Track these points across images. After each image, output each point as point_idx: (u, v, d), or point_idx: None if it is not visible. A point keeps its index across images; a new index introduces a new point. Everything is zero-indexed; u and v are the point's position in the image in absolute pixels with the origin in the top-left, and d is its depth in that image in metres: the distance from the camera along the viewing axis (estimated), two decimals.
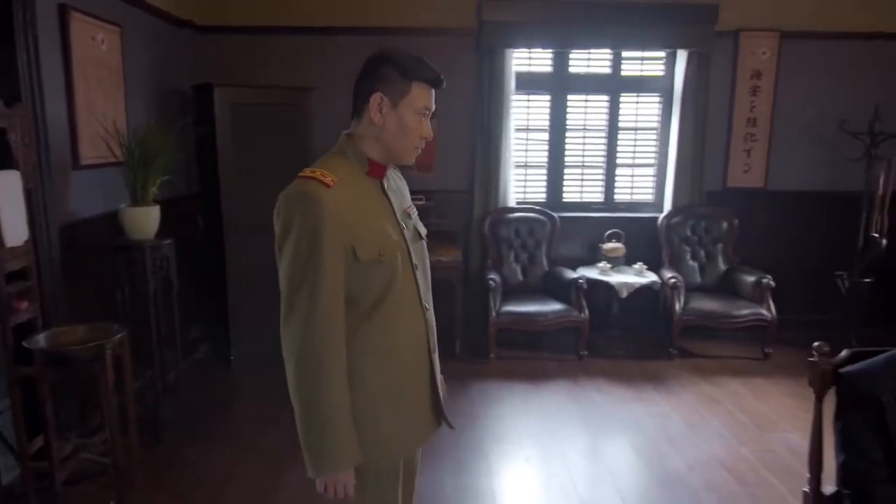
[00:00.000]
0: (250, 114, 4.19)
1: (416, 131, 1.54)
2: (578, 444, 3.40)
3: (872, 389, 1.65)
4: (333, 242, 1.44)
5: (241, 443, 3.36)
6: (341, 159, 1.55)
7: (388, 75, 1.50)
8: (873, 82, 4.83)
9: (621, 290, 4.55)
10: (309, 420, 1.47)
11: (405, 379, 1.59)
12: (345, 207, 1.46)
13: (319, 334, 1.44)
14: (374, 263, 1.49)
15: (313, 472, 1.50)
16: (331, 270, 1.44)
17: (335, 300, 1.46)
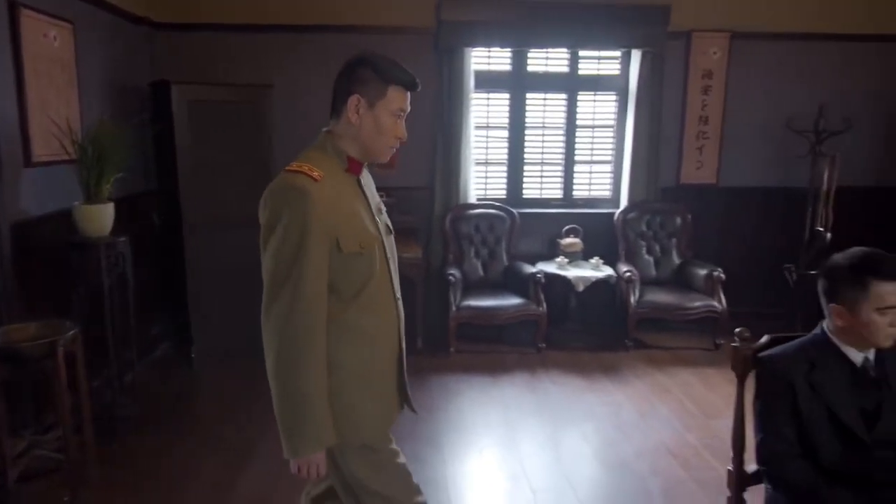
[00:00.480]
0: (209, 111, 4.20)
1: (391, 132, 1.62)
2: (532, 433, 3.49)
3: (786, 372, 1.75)
4: (320, 235, 1.51)
5: (200, 438, 3.38)
6: (322, 155, 1.62)
7: (365, 78, 1.58)
8: (818, 82, 5.01)
9: (577, 284, 4.67)
10: (287, 404, 1.55)
11: (379, 364, 1.69)
12: (330, 201, 1.53)
13: (302, 323, 1.51)
14: (355, 255, 1.58)
15: (290, 453, 1.57)
16: (317, 263, 1.51)
17: (319, 291, 1.53)
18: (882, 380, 1.72)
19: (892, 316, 1.66)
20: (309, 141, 1.69)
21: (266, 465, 3.09)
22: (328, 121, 1.67)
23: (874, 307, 1.66)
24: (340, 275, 1.57)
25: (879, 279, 1.66)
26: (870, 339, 1.69)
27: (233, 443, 3.30)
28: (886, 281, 1.66)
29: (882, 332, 1.67)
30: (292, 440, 1.56)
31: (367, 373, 1.66)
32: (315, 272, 1.51)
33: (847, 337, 1.74)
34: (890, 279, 1.66)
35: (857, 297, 1.68)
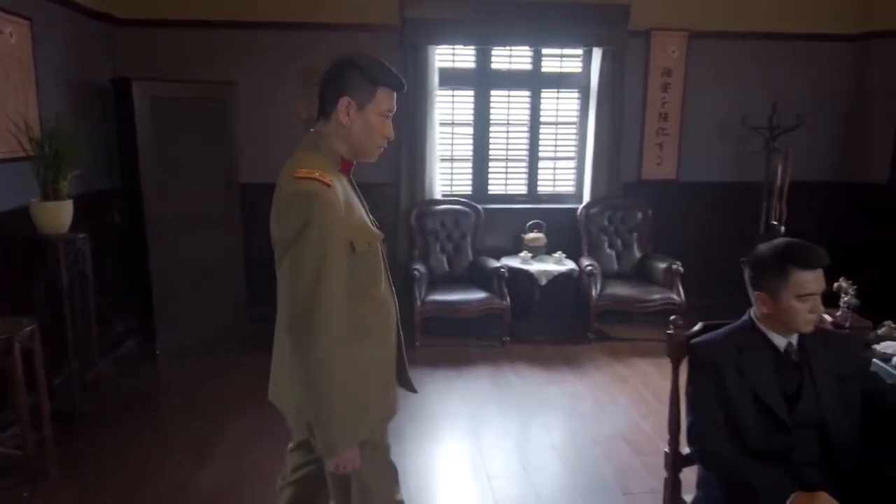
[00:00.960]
0: (171, 108, 4.20)
1: (380, 132, 1.66)
2: (493, 424, 3.57)
3: (714, 357, 1.84)
4: (340, 241, 1.55)
5: (162, 434, 3.40)
6: (320, 157, 1.63)
7: (355, 81, 1.60)
8: (772, 80, 5.16)
9: (540, 277, 4.76)
10: (324, 409, 1.57)
11: (382, 357, 1.74)
12: (341, 204, 1.57)
13: (333, 333, 1.53)
14: (365, 254, 1.63)
15: (329, 453, 1.60)
16: (342, 270, 1.55)
17: (344, 300, 1.56)
18: (804, 364, 1.82)
19: (811, 303, 1.76)
20: (277, 138, 1.72)
21: (227, 460, 3.13)
22: (295, 118, 1.70)
23: (794, 294, 1.75)
24: (353, 275, 1.60)
25: (799, 268, 1.75)
26: (791, 325, 1.79)
27: (195, 438, 3.32)
28: (805, 269, 1.75)
29: (802, 317, 1.77)
30: (330, 441, 1.59)
31: (378, 366, 1.72)
32: (340, 279, 1.54)
33: (771, 323, 1.84)
34: (808, 268, 1.75)
35: (778, 285, 1.77)
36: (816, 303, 1.76)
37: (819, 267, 1.77)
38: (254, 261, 4.80)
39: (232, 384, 4.00)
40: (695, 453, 1.88)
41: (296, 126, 4.89)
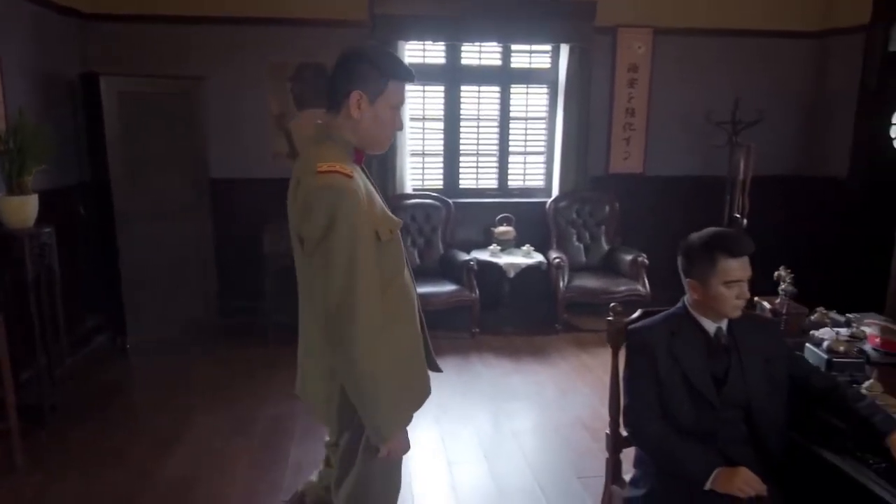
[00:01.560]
0: (140, 103, 4.23)
1: (390, 124, 1.67)
2: (456, 412, 3.65)
3: (648, 342, 1.93)
4: (367, 229, 1.55)
5: (129, 426, 3.44)
6: (336, 148, 1.62)
7: (367, 74, 1.59)
8: (735, 76, 5.26)
9: (509, 270, 4.85)
10: (370, 399, 1.57)
11: (416, 338, 1.76)
12: (364, 196, 1.57)
13: (371, 323, 1.53)
14: (389, 242, 1.64)
15: (380, 439, 1.62)
16: (373, 261, 1.55)
17: (376, 281, 1.57)
18: (732, 348, 1.91)
19: (738, 289, 1.85)
20: (248, 133, 1.71)
21: (191, 451, 3.18)
22: (266, 113, 1.69)
23: (721, 281, 1.84)
24: (381, 264, 1.60)
25: (725, 256, 1.84)
26: (720, 310, 1.88)
27: (161, 429, 3.37)
28: (731, 257, 1.84)
29: (729, 303, 1.86)
30: (379, 428, 1.61)
31: (414, 347, 1.74)
32: (372, 270, 1.55)
33: (702, 309, 1.93)
34: (734, 256, 1.84)
35: (707, 272, 1.86)
36: (742, 289, 1.85)
37: (744, 255, 1.86)
38: (224, 255, 4.84)
39: (200, 378, 4.04)
40: (630, 434, 1.97)
41: (266, 122, 4.94)
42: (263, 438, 3.31)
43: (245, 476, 2.96)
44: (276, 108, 4.94)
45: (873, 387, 1.94)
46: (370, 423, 1.61)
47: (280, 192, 2.49)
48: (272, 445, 3.24)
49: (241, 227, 4.85)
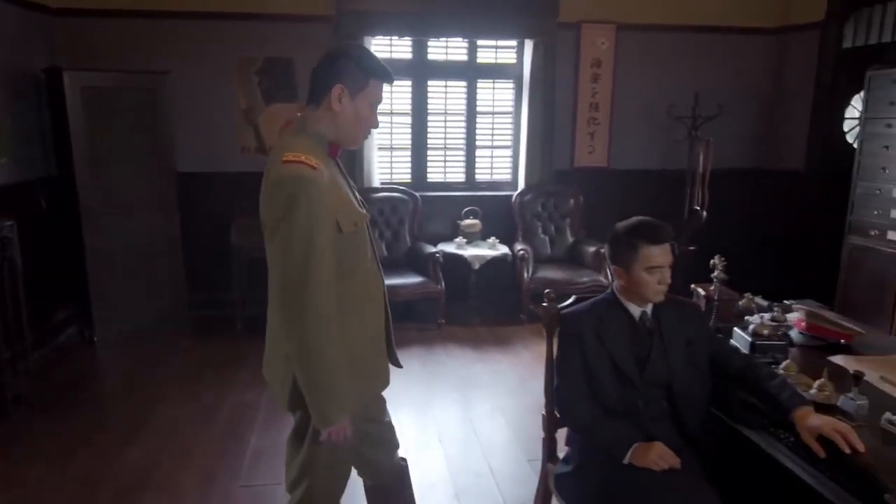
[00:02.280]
0: (104, 98, 4.26)
1: (367, 121, 1.75)
2: (415, 400, 3.74)
3: (577, 326, 2.03)
4: (326, 222, 1.61)
5: (92, 416, 3.49)
6: (308, 141, 1.69)
7: (350, 70, 1.68)
8: (695, 71, 5.39)
9: (474, 262, 4.94)
10: (315, 383, 1.64)
11: (378, 330, 1.85)
12: (328, 186, 1.63)
13: (322, 310, 1.59)
14: (352, 234, 1.70)
15: (321, 423, 1.67)
16: (328, 249, 1.61)
17: (331, 278, 1.62)
18: (655, 331, 2.01)
19: (659, 274, 1.95)
20: (215, 127, 1.77)
21: (153, 439, 3.24)
22: (233, 108, 1.75)
23: (643, 267, 1.94)
24: (342, 254, 1.67)
25: (647, 243, 1.95)
26: (643, 295, 1.98)
27: (123, 420, 3.43)
28: (652, 244, 1.95)
29: (651, 288, 1.96)
30: (322, 412, 1.66)
31: (371, 336, 1.81)
32: (328, 259, 1.60)
33: (628, 295, 2.03)
34: (655, 243, 1.95)
35: (630, 259, 1.96)
36: (664, 274, 1.96)
37: (665, 242, 1.96)
38: (192, 248, 4.88)
39: (167, 370, 4.10)
40: (559, 413, 2.07)
41: (234, 116, 4.98)
42: (225, 426, 3.38)
43: (204, 462, 3.04)
44: (243, 103, 4.99)
45: (789, 367, 2.05)
46: (313, 406, 1.67)
47: (248, 186, 2.57)
48: (233, 433, 3.31)
49: (209, 221, 4.90)
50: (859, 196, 4.29)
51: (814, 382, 1.94)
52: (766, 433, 1.88)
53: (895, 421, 1.73)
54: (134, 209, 4.48)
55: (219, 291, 4.92)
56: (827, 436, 1.67)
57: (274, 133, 5.03)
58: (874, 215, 4.15)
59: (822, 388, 1.90)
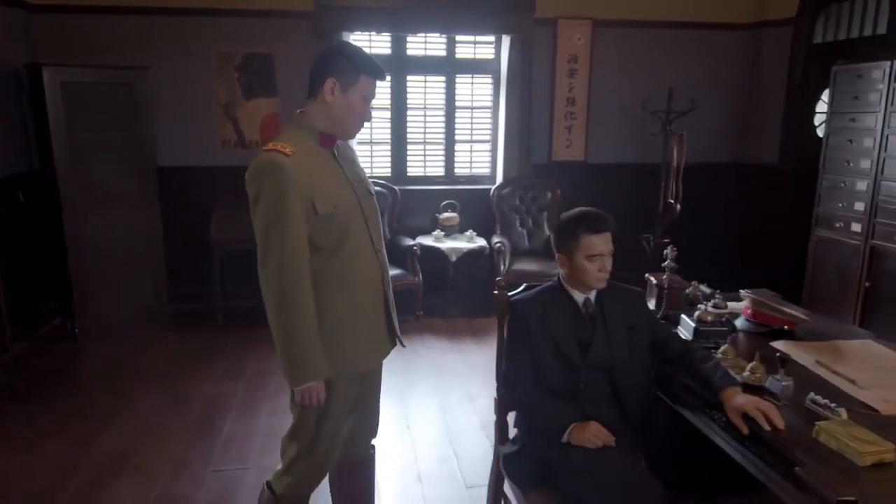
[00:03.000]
0: (83, 93, 4.32)
1: (359, 114, 1.88)
2: (388, 389, 3.74)
3: (523, 312, 2.11)
4: (297, 199, 1.75)
5: (71, 404, 3.57)
6: (297, 132, 1.86)
7: (342, 66, 1.82)
8: (669, 67, 5.47)
9: (451, 254, 5.03)
10: (286, 344, 1.80)
11: (363, 306, 1.94)
12: (303, 171, 1.77)
13: (291, 272, 1.76)
14: (330, 215, 1.81)
15: (293, 383, 1.83)
16: (295, 222, 1.76)
17: (301, 245, 1.78)
18: (598, 316, 2.10)
19: (600, 262, 2.04)
20: (195, 122, 1.88)
21: (129, 426, 3.33)
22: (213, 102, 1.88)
23: (584, 255, 2.03)
24: (319, 233, 1.81)
25: (587, 232, 2.03)
26: (585, 282, 2.07)
27: (102, 406, 3.51)
28: (593, 233, 2.03)
29: (592, 275, 2.04)
30: (294, 373, 1.82)
31: (357, 313, 1.92)
32: (294, 232, 1.76)
33: (572, 282, 2.11)
34: (595, 232, 2.03)
35: (572, 247, 2.04)
36: (604, 262, 2.04)
37: (605, 231, 2.05)
38: (174, 242, 4.95)
39: (145, 359, 4.18)
40: (506, 396, 2.16)
41: (214, 111, 5.05)
42: (199, 414, 3.47)
43: (177, 448, 3.12)
44: (223, 98, 5.05)
45: (727, 351, 2.15)
46: (282, 367, 1.84)
47: (228, 180, 2.62)
48: (207, 421, 3.39)
49: (189, 214, 4.97)
50: (825, 189, 4.38)
51: (748, 365, 2.03)
52: (702, 414, 1.97)
53: (818, 401, 1.82)
54: (114, 202, 4.55)
55: (200, 284, 4.99)
56: (750, 414, 1.76)
57: (254, 127, 5.10)
58: (839, 208, 4.24)
59: (754, 371, 1.99)
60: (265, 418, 3.41)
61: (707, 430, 1.94)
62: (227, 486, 2.82)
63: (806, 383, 1.96)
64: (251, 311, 3.89)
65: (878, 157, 3.93)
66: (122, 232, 4.62)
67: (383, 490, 2.80)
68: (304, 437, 1.98)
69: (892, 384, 1.99)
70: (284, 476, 2.02)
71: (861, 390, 1.95)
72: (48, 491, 2.76)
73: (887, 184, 3.89)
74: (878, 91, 3.92)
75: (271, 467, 2.89)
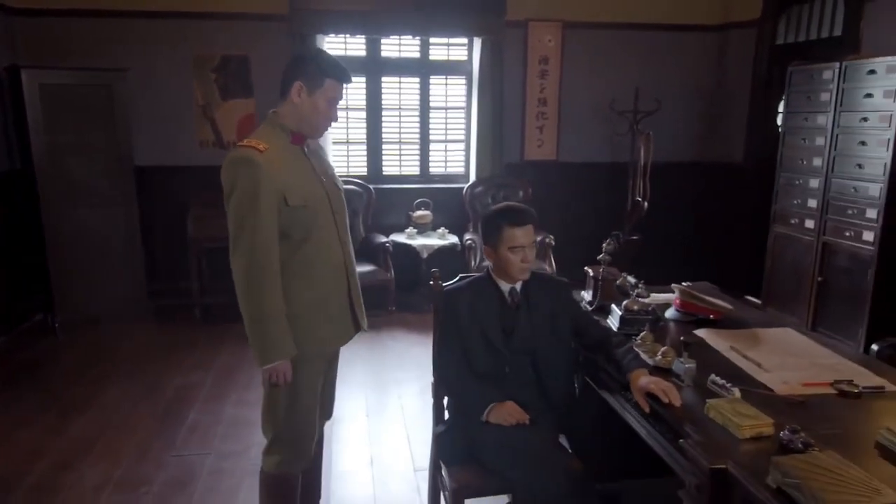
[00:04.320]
0: (62, 94, 4.46)
1: (325, 115, 2.01)
2: (353, 378, 3.96)
3: (454, 301, 2.24)
4: (268, 193, 1.88)
5: (44, 394, 3.70)
6: (270, 130, 2.01)
7: (309, 70, 1.97)
8: (637, 67, 5.59)
9: (422, 251, 5.16)
10: (255, 326, 1.93)
11: (328, 294, 2.08)
12: (275, 166, 1.91)
13: (260, 260, 1.90)
14: (300, 208, 1.95)
15: (260, 363, 1.97)
16: (266, 214, 1.89)
17: (270, 238, 1.92)
18: (522, 304, 2.23)
19: (522, 254, 2.17)
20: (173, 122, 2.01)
21: (99, 413, 3.47)
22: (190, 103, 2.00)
23: (507, 246, 2.16)
24: (289, 224, 1.94)
25: (510, 225, 2.16)
26: (509, 272, 2.20)
27: (74, 396, 3.65)
28: (515, 226, 2.16)
29: (515, 266, 2.17)
30: (262, 353, 1.96)
31: (321, 300, 2.06)
32: (265, 223, 1.89)
33: (498, 272, 2.24)
34: (517, 225, 2.16)
35: (496, 239, 2.17)
36: (526, 254, 2.17)
37: (526, 224, 2.18)
38: (153, 239, 5.09)
39: (121, 353, 4.32)
40: (436, 379, 2.29)
41: (192, 112, 5.18)
42: (167, 404, 3.60)
43: (143, 434, 3.26)
44: (201, 99, 5.19)
45: (646, 337, 2.27)
46: (252, 350, 1.98)
47: (205, 179, 2.71)
48: (174, 410, 3.53)
49: (167, 212, 5.11)
50: (782, 186, 4.50)
51: (660, 350, 2.16)
52: (619, 395, 2.10)
53: (717, 381, 1.95)
54: (93, 201, 4.69)
55: (178, 280, 5.13)
56: (653, 392, 1.89)
57: (231, 128, 5.24)
58: (794, 205, 4.36)
59: (665, 355, 2.12)
60: (231, 408, 3.54)
61: (621, 411, 2.08)
62: (186, 470, 2.95)
63: (712, 366, 2.08)
64: (227, 307, 4.01)
65: (829, 155, 4.05)
66: (100, 229, 4.75)
67: (334, 474, 2.94)
68: (278, 417, 2.12)
69: (795, 367, 2.12)
70: (268, 456, 2.16)
71: (764, 373, 2.08)
72: (15, 474, 2.89)
73: (837, 181, 4.01)
74: (829, 91, 4.04)
75: (232, 453, 3.07)
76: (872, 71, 3.74)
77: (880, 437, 1.67)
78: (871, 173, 3.75)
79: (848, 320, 3.96)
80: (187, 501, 2.73)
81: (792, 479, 1.40)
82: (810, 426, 1.72)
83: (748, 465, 1.56)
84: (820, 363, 2.17)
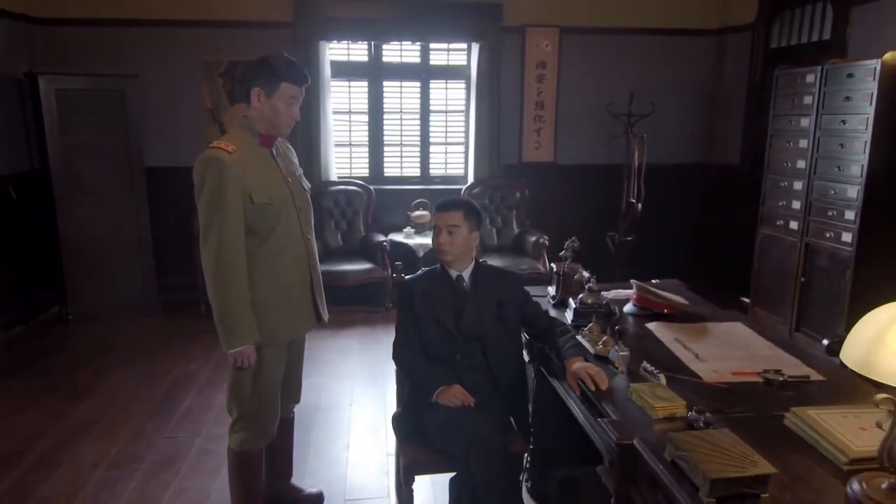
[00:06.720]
0: (76, 99, 4.73)
1: (285, 115, 2.17)
2: (344, 369, 4.13)
3: (409, 290, 2.40)
4: (234, 190, 2.04)
5: (51, 380, 3.94)
6: (240, 134, 2.18)
7: (265, 75, 2.13)
8: (630, 71, 5.68)
9: (418, 250, 5.31)
10: (222, 311, 2.09)
11: (290, 285, 2.25)
12: (242, 166, 2.07)
13: (227, 252, 2.05)
14: (265, 206, 2.11)
15: (226, 347, 2.13)
16: (233, 209, 2.05)
17: (237, 229, 2.07)
18: (471, 290, 2.38)
19: (441, 236, 2.31)
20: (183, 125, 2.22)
21: (100, 398, 3.69)
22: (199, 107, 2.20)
23: (431, 227, 2.31)
24: (255, 220, 2.10)
25: (436, 210, 2.31)
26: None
27: (79, 382, 3.88)
28: (438, 210, 2.30)
29: (437, 249, 2.32)
30: (227, 338, 2.12)
31: (283, 291, 2.22)
32: (232, 219, 2.05)
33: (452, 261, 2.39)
34: (438, 210, 2.31)
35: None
36: (443, 236, 2.34)
37: (449, 210, 2.35)
38: (162, 237, 5.34)
39: (128, 342, 4.56)
40: (394, 362, 2.45)
41: (200, 115, 5.43)
42: (165, 391, 3.81)
43: (140, 418, 3.47)
44: (209, 102, 5.43)
45: (592, 328, 2.40)
46: (219, 335, 2.13)
47: None
48: (170, 396, 3.73)
49: (176, 211, 5.34)
50: (769, 188, 4.55)
51: (601, 339, 2.28)
52: (564, 382, 2.23)
53: (647, 368, 2.07)
54: (105, 200, 4.95)
55: (186, 276, 5.36)
56: (582, 377, 2.01)
57: None
58: (780, 206, 4.41)
59: (605, 344, 2.24)
60: (223, 395, 3.71)
61: (565, 397, 2.20)
62: (175, 450, 3.15)
63: (651, 356, 2.20)
64: None
65: (812, 157, 4.10)
66: (112, 227, 5.02)
67: (312, 458, 3.10)
68: (242, 398, 2.29)
69: (730, 358, 2.23)
70: (233, 434, 2.35)
71: (699, 362, 2.19)
72: (16, 453, 3.11)
73: (819, 183, 4.06)
74: (812, 94, 4.10)
75: (218, 436, 3.26)
76: (851, 74, 3.80)
77: (787, 420, 1.78)
78: (850, 175, 3.80)
79: (828, 320, 4.00)
80: (173, 478, 2.92)
81: (681, 451, 1.52)
82: (725, 409, 1.84)
83: (654, 442, 1.69)
84: (756, 354, 2.27)
